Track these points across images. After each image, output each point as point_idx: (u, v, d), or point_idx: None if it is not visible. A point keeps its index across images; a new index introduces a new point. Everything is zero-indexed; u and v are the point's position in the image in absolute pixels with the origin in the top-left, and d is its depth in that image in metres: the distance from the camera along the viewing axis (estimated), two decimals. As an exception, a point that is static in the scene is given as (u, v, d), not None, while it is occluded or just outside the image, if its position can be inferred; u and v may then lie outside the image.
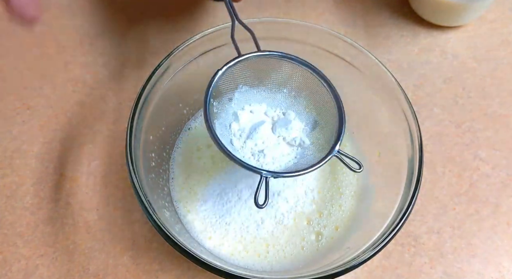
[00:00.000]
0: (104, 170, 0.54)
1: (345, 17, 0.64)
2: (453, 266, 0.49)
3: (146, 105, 0.45)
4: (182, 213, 0.49)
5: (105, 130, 0.56)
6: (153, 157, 0.48)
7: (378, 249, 0.40)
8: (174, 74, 0.47)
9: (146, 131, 0.45)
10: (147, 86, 0.45)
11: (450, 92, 0.59)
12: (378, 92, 0.48)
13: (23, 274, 0.49)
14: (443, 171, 0.54)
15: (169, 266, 0.49)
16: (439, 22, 0.62)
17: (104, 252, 0.50)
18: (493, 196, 0.53)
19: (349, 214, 0.49)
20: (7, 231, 0.51)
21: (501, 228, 0.51)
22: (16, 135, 0.56)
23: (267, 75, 0.46)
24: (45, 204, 0.52)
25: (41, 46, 0.61)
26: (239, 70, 0.44)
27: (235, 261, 0.46)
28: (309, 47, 0.50)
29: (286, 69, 0.45)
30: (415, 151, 0.44)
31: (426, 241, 0.51)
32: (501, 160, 0.55)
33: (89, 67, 0.60)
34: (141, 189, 0.41)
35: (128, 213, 0.52)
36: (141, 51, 0.61)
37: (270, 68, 0.45)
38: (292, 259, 0.47)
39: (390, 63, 0.60)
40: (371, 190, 0.49)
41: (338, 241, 0.47)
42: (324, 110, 0.45)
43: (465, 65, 0.61)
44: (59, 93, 0.58)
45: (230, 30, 0.44)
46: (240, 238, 0.47)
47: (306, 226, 0.48)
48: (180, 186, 0.50)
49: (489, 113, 0.58)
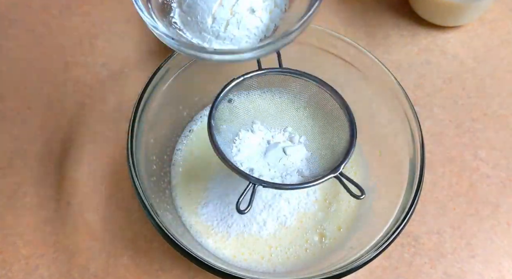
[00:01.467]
0: (104, 170, 0.54)
1: (345, 17, 0.64)
2: (453, 266, 0.50)
3: (146, 108, 0.45)
4: (184, 215, 0.48)
5: (105, 130, 0.56)
6: (154, 160, 0.48)
7: (381, 249, 0.40)
8: (174, 76, 0.47)
9: (147, 134, 0.45)
10: (147, 89, 0.45)
11: (450, 92, 0.59)
12: (378, 92, 0.48)
13: (23, 274, 0.49)
14: (443, 171, 0.54)
15: (170, 266, 0.49)
16: (439, 22, 0.62)
17: (104, 252, 0.50)
18: (493, 196, 0.53)
19: (351, 214, 0.49)
20: (7, 231, 0.51)
21: (501, 228, 0.51)
22: (16, 135, 0.56)
23: (284, 91, 0.46)
24: (45, 204, 0.52)
25: (41, 46, 0.61)
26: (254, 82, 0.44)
27: (238, 263, 0.46)
28: (309, 47, 0.50)
29: (301, 88, 0.45)
30: (416, 151, 0.44)
31: (426, 241, 0.51)
32: (501, 160, 0.55)
33: (89, 67, 0.60)
34: (143, 192, 0.41)
35: (128, 213, 0.52)
36: (141, 51, 0.61)
37: (286, 84, 0.45)
38: (295, 260, 0.47)
39: (390, 63, 0.60)
40: (372, 190, 0.49)
41: (340, 242, 0.47)
42: (337, 128, 0.44)
43: (465, 65, 0.61)
44: (59, 93, 0.58)
45: None
46: (243, 241, 0.47)
47: (309, 227, 0.48)
48: (182, 188, 0.50)
49: (489, 113, 0.58)
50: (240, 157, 0.44)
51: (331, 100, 0.43)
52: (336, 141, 0.43)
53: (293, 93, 0.46)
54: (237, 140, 0.45)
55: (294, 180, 0.43)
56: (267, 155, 0.45)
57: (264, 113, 0.47)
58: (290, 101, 0.47)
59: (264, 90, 0.48)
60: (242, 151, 0.44)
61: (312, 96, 0.45)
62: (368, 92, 0.49)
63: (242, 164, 0.43)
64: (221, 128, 0.43)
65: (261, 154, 0.45)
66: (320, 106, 0.45)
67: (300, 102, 0.46)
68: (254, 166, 0.43)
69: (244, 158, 0.44)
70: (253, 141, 0.46)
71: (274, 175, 0.43)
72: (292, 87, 0.45)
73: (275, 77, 0.45)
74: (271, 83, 0.45)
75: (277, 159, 0.44)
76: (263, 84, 0.45)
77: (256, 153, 0.45)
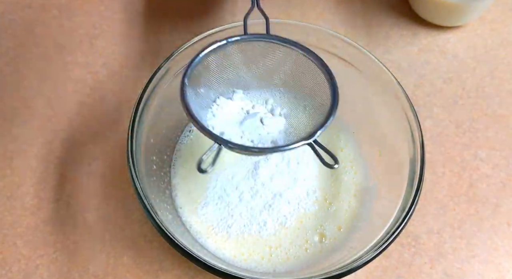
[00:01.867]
0: (104, 170, 0.54)
1: (345, 17, 0.64)
2: (453, 266, 0.50)
3: (146, 108, 0.45)
4: (184, 215, 0.48)
5: (105, 130, 0.56)
6: (154, 160, 0.48)
7: (381, 249, 0.40)
8: (174, 76, 0.47)
9: (147, 134, 0.45)
10: (147, 89, 0.45)
11: (450, 92, 0.59)
12: (378, 92, 0.48)
13: (23, 274, 0.49)
14: (443, 171, 0.54)
15: (170, 266, 0.49)
16: (439, 22, 0.62)
17: (104, 252, 0.50)
18: (493, 196, 0.53)
19: (351, 214, 0.49)
20: (7, 231, 0.51)
21: (501, 228, 0.51)
22: (16, 135, 0.56)
23: (261, 60, 0.45)
24: (45, 204, 0.52)
25: (41, 46, 0.61)
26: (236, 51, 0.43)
27: (238, 263, 0.46)
28: (309, 47, 0.49)
29: (285, 56, 0.43)
30: (416, 151, 0.44)
31: (426, 241, 0.51)
32: (501, 160, 0.55)
33: (89, 67, 0.60)
34: (143, 192, 0.41)
35: (128, 213, 0.52)
36: (141, 51, 0.61)
37: (271, 52, 0.44)
38: (295, 260, 0.47)
39: (390, 63, 0.60)
40: (372, 190, 0.49)
41: (341, 242, 0.47)
42: (318, 95, 0.42)
43: (465, 65, 0.61)
44: (59, 93, 0.58)
45: (246, 12, 0.43)
46: (243, 241, 0.47)
47: (309, 228, 0.48)
48: (182, 188, 0.50)
49: (489, 113, 0.58)
50: (213, 122, 0.42)
51: (316, 70, 0.42)
52: (317, 112, 0.42)
53: (277, 62, 0.45)
54: (214, 106, 0.44)
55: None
56: (243, 123, 0.43)
57: (246, 83, 0.46)
58: (274, 71, 0.45)
59: (248, 57, 0.45)
60: (217, 116, 0.43)
61: (297, 65, 0.44)
62: (368, 92, 0.49)
63: (214, 127, 0.42)
64: (198, 91, 0.41)
65: (237, 123, 0.44)
66: (304, 77, 0.44)
67: (284, 73, 0.45)
68: (226, 131, 0.42)
69: (217, 123, 0.43)
70: (231, 109, 0.44)
71: (245, 142, 0.42)
72: (277, 55, 0.44)
73: (259, 43, 0.43)
74: (255, 50, 0.44)
75: (253, 128, 0.43)
76: (248, 51, 0.43)
77: (232, 121, 0.44)
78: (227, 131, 0.42)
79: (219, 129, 0.42)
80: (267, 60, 0.45)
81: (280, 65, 0.45)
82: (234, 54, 0.43)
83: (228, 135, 0.42)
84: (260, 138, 0.43)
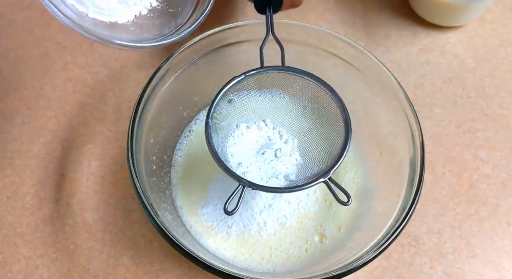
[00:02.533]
0: (104, 170, 0.54)
1: (345, 17, 0.64)
2: (453, 266, 0.50)
3: (146, 108, 0.45)
4: (184, 215, 0.48)
5: (105, 131, 0.56)
6: (154, 161, 0.48)
7: (381, 249, 0.40)
8: (174, 77, 0.47)
9: (147, 134, 0.45)
10: (147, 89, 0.45)
11: (450, 92, 0.59)
12: (378, 92, 0.48)
13: (23, 274, 0.49)
14: (443, 171, 0.54)
15: (170, 266, 0.49)
16: (439, 22, 0.62)
17: (104, 252, 0.50)
18: (493, 196, 0.53)
19: (351, 214, 0.49)
20: (7, 231, 0.51)
21: (501, 228, 0.51)
22: (16, 135, 0.56)
23: (284, 91, 0.47)
24: (45, 204, 0.52)
25: (41, 46, 0.61)
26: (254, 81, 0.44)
27: (238, 264, 0.46)
28: (309, 47, 0.50)
29: (302, 88, 0.45)
30: (416, 151, 0.44)
31: (426, 241, 0.51)
32: (501, 160, 0.55)
33: (89, 67, 0.60)
34: (143, 193, 0.41)
35: (128, 213, 0.52)
36: (141, 51, 0.61)
37: (287, 84, 0.45)
38: (295, 261, 0.47)
39: (390, 63, 0.60)
40: (372, 190, 0.49)
41: (341, 242, 0.47)
42: (333, 133, 0.44)
43: (465, 65, 0.61)
44: (59, 93, 0.58)
45: (262, 42, 0.44)
46: (243, 241, 0.47)
47: (309, 228, 0.48)
48: (182, 188, 0.50)
49: (489, 113, 0.58)
50: (233, 149, 0.44)
51: (331, 103, 0.43)
52: (331, 145, 0.43)
53: (293, 93, 0.46)
54: (235, 132, 0.45)
55: (280, 183, 0.43)
56: (259, 154, 0.45)
57: (263, 113, 0.47)
58: (290, 102, 0.47)
59: (264, 90, 0.48)
60: (238, 144, 0.44)
61: (312, 97, 0.45)
62: (368, 92, 0.49)
63: (233, 155, 0.43)
64: (219, 125, 0.43)
65: (254, 152, 0.45)
66: (319, 109, 0.45)
67: (300, 103, 0.46)
68: (243, 160, 0.43)
69: (237, 150, 0.44)
70: (249, 138, 0.45)
71: (262, 176, 0.43)
72: (293, 87, 0.45)
73: (276, 75, 0.44)
74: (272, 82, 0.45)
75: (267, 160, 0.44)
76: (264, 83, 0.45)
77: (250, 150, 0.45)
78: (244, 162, 0.44)
79: (237, 158, 0.44)
80: (285, 91, 0.47)
81: (296, 95, 0.46)
82: (252, 86, 0.45)
83: (245, 166, 0.43)
84: (273, 172, 0.44)
